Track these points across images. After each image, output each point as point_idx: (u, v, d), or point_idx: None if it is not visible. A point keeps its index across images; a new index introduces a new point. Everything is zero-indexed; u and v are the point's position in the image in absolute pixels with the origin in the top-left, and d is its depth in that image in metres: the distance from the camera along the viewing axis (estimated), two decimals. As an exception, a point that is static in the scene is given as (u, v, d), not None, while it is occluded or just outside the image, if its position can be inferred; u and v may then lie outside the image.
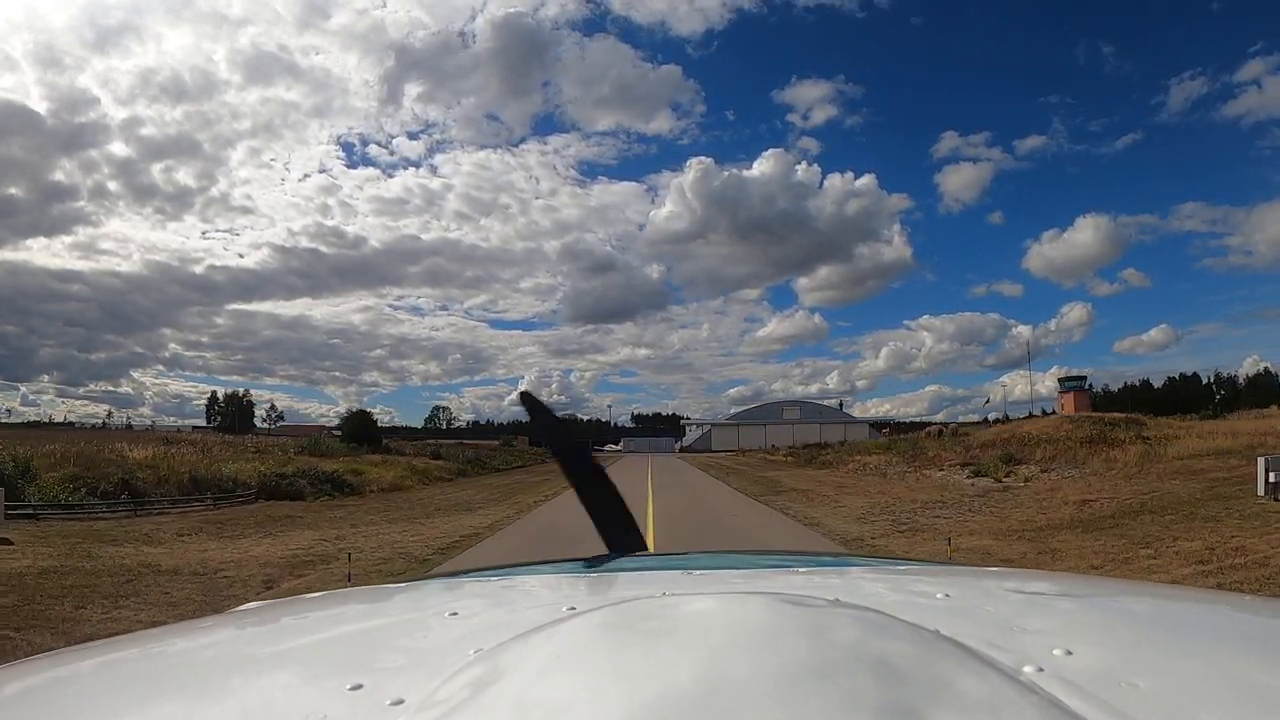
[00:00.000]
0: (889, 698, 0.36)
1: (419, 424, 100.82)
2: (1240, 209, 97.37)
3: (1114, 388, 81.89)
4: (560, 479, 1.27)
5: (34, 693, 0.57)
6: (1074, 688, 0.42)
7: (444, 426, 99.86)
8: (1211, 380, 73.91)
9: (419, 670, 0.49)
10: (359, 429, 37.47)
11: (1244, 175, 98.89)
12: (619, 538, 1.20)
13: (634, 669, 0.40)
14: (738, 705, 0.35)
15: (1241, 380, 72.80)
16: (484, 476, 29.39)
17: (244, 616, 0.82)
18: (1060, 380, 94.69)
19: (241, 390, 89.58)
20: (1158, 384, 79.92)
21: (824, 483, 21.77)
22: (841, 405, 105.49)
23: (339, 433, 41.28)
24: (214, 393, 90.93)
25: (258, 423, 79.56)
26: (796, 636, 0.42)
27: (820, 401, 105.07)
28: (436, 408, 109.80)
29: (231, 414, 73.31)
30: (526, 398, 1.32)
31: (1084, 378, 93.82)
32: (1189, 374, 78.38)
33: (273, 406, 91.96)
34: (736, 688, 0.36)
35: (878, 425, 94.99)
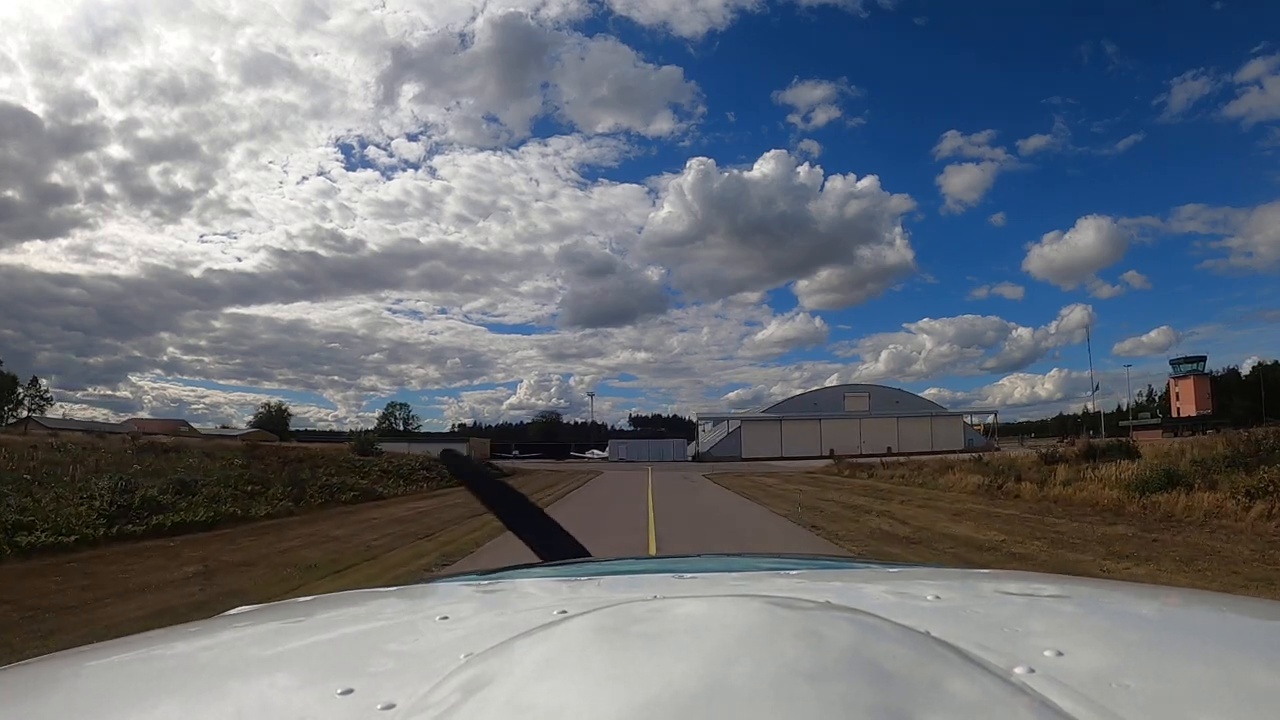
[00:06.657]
0: (880, 700, 0.35)
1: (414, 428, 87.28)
2: (1240, 210, 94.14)
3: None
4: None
5: (22, 698, 0.54)
6: (1065, 689, 0.42)
7: (401, 428, 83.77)
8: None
9: (410, 674, 0.48)
10: None
11: (1244, 176, 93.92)
12: (558, 548, 1.24)
13: (625, 672, 0.39)
14: (729, 708, 0.35)
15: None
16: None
17: (234, 620, 0.80)
18: (1173, 363, 64.46)
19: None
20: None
21: None
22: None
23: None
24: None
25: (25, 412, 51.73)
26: (788, 639, 0.42)
27: (896, 388, 75.89)
28: (392, 404, 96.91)
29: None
30: (447, 455, 1.65)
31: (1203, 358, 63.13)
32: (1268, 363, 69.81)
33: (34, 381, 63.53)
34: (728, 690, 0.36)
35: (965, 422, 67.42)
